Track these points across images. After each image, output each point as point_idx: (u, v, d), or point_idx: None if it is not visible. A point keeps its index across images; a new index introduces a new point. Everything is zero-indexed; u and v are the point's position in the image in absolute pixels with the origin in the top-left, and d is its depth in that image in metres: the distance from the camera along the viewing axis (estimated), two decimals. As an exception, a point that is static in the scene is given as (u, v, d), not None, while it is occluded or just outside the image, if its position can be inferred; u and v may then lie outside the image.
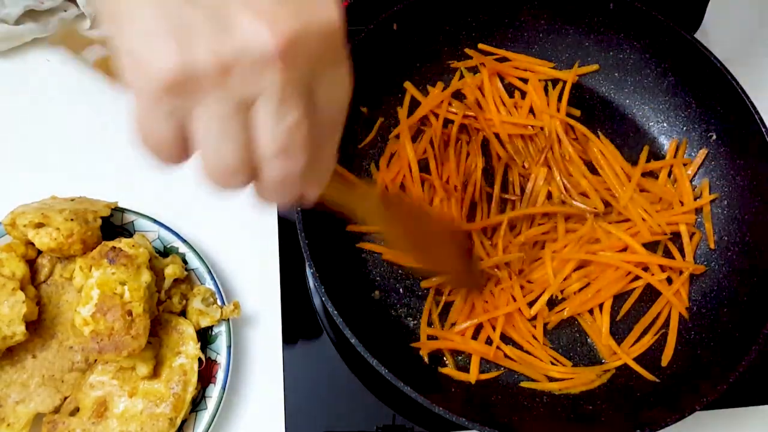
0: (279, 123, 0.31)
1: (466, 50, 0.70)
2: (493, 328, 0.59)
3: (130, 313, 0.50)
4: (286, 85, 0.30)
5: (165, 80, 0.29)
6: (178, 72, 0.29)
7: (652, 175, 0.68)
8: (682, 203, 0.66)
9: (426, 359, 0.59)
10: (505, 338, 0.60)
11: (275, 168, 0.33)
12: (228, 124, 0.31)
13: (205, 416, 0.54)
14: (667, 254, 0.64)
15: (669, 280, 0.62)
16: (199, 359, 0.54)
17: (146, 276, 0.52)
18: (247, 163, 0.32)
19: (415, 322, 0.61)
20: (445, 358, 0.59)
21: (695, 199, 0.66)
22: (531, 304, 0.61)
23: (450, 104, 0.68)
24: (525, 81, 0.70)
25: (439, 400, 0.50)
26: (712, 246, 0.64)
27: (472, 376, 0.58)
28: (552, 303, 0.62)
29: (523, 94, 0.70)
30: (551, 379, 0.59)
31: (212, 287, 0.58)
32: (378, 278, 0.62)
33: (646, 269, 0.63)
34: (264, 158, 0.32)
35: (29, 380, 0.53)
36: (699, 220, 0.65)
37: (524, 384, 0.59)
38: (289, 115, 0.31)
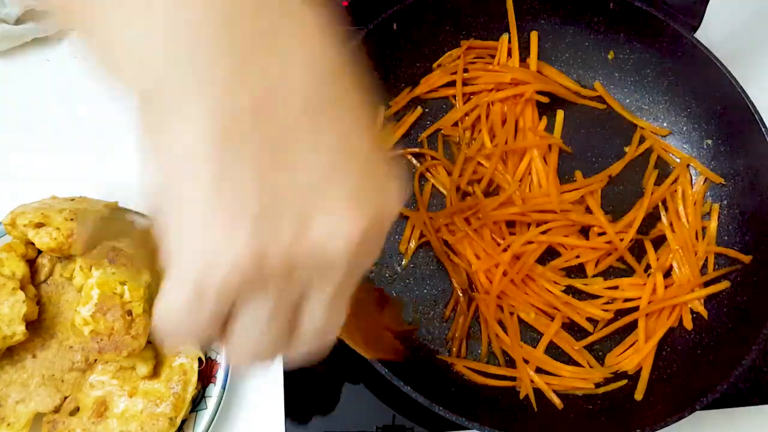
0: (330, 313, 0.31)
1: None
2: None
3: (130, 312, 0.50)
4: (347, 279, 0.30)
5: (233, 274, 0.26)
6: (248, 267, 0.26)
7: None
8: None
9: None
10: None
11: (304, 349, 0.32)
12: (277, 314, 0.29)
13: (205, 416, 0.54)
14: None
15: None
16: (200, 359, 0.54)
17: (146, 276, 0.52)
18: (280, 346, 0.31)
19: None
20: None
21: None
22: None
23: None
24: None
25: (438, 399, 0.50)
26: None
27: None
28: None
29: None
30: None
31: (212, 287, 0.58)
32: (377, 278, 0.62)
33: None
34: (301, 342, 0.31)
35: (29, 380, 0.53)
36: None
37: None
38: (341, 304, 0.31)
